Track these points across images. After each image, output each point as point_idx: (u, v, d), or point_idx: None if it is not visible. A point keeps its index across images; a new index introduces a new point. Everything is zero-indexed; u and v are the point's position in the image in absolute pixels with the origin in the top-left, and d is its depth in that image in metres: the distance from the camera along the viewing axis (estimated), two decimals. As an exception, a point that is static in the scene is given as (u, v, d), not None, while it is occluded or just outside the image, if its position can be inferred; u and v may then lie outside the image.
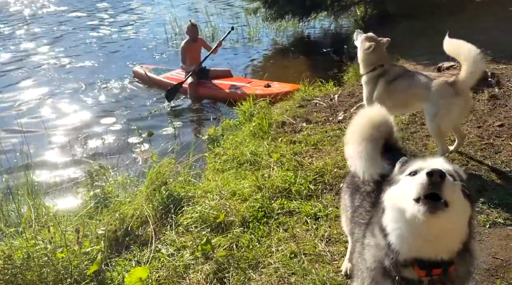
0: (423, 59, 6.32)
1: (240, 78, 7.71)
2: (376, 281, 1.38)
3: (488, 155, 3.21)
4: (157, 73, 7.84)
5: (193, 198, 3.15)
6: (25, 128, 5.97)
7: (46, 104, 7.21)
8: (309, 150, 3.86)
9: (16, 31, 12.43)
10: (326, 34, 11.92)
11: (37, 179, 4.65)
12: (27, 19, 13.98)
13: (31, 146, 5.49)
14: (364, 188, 1.75)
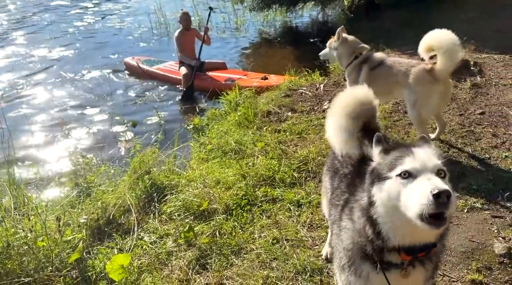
0: (408, 49, 6.34)
1: (235, 70, 7.53)
2: (353, 261, 1.40)
3: (469, 142, 3.26)
4: (150, 64, 7.66)
5: (176, 187, 3.14)
6: (7, 118, 5.86)
7: (29, 94, 7.07)
8: (293, 139, 3.87)
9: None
10: (313, 24, 11.90)
11: (19, 169, 4.58)
12: (8, 7, 13.64)
13: (14, 136, 5.39)
14: (342, 171, 1.77)
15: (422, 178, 1.16)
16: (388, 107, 4.08)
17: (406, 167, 1.19)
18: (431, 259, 1.36)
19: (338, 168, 1.80)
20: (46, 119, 6.07)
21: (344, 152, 1.68)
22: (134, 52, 9.05)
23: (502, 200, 2.54)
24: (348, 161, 1.78)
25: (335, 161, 1.86)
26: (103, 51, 9.11)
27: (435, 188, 1.09)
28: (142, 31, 10.64)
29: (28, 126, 5.72)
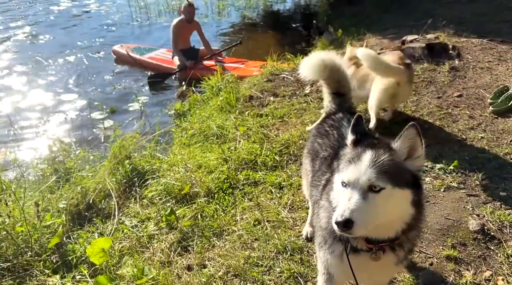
0: (389, 33, 6.40)
1: (232, 58, 7.17)
2: (326, 240, 1.43)
3: (446, 124, 3.32)
4: (140, 52, 7.31)
5: (158, 171, 3.12)
6: None
7: (4, 80, 6.87)
8: (275, 123, 3.87)
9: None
10: (296, 8, 11.84)
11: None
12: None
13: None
14: (322, 154, 1.79)
15: (346, 193, 1.26)
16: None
17: (345, 178, 1.28)
18: (402, 246, 1.40)
19: (318, 151, 1.82)
20: (24, 104, 5.91)
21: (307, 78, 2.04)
22: (113, 38, 8.85)
23: (477, 179, 2.61)
24: (327, 144, 1.80)
25: (315, 144, 1.88)
26: (81, 37, 8.88)
27: (339, 215, 1.21)
28: (121, 16, 10.41)
29: (5, 112, 5.58)
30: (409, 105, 3.71)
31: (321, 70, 1.98)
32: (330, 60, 1.99)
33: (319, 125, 1.99)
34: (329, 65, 1.98)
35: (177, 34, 6.76)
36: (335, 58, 2.01)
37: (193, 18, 6.94)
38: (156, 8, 10.84)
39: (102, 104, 5.71)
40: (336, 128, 1.85)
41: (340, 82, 2.05)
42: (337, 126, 1.86)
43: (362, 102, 3.78)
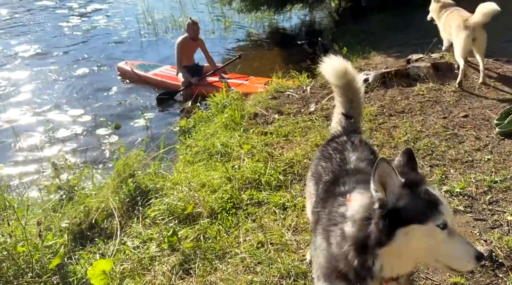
0: (394, 52, 6.43)
1: (235, 74, 7.18)
2: (328, 277, 1.40)
3: (452, 145, 3.30)
4: (144, 69, 7.36)
5: (161, 190, 3.11)
6: None
7: (12, 95, 6.95)
8: (280, 141, 3.86)
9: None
10: (301, 25, 11.96)
11: (1, 171, 4.50)
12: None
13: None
14: (325, 178, 1.77)
15: (456, 236, 1.25)
16: (374, 110, 4.10)
17: (445, 218, 1.22)
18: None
19: (321, 175, 1.81)
20: (30, 120, 5.96)
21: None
22: (121, 53, 8.96)
23: (484, 203, 2.57)
24: (330, 168, 1.78)
25: (319, 167, 1.86)
26: (89, 53, 8.99)
27: (478, 252, 1.24)
28: (129, 32, 10.53)
29: (10, 127, 5.61)
30: (414, 124, 3.69)
31: (340, 75, 1.99)
32: (352, 72, 2.01)
33: (323, 147, 1.98)
34: (349, 76, 2.00)
35: (182, 51, 6.82)
36: (356, 75, 2.06)
37: (197, 36, 7.01)
38: (164, 24, 10.98)
39: (107, 120, 5.75)
40: (339, 152, 1.84)
41: (353, 103, 2.05)
42: (341, 150, 1.85)
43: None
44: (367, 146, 1.88)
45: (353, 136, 1.92)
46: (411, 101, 4.17)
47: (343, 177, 1.59)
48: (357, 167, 1.71)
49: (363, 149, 1.82)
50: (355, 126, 2.04)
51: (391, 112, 4.04)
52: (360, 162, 1.74)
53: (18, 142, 5.15)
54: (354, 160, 1.75)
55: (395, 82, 4.60)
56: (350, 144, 1.85)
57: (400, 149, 3.32)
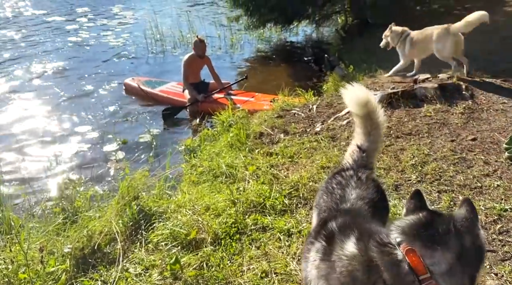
0: (401, 71, 6.41)
1: (241, 91, 7.20)
2: None
3: (461, 170, 3.24)
4: (151, 86, 7.42)
5: (165, 213, 3.08)
6: None
7: (18, 111, 7.01)
8: (285, 163, 3.83)
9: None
10: (307, 42, 12.02)
11: (7, 189, 4.51)
12: (1, 22, 13.64)
13: (1, 154, 5.33)
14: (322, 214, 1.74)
15: None
16: (380, 131, 4.06)
17: None
18: None
19: (321, 208, 1.77)
20: (36, 137, 5.98)
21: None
22: (129, 69, 9.06)
23: (494, 233, 2.51)
24: (328, 204, 1.74)
25: (321, 200, 1.83)
26: (97, 68, 9.09)
27: None
28: (137, 48, 10.66)
29: (17, 144, 5.65)
30: (422, 147, 3.65)
31: (362, 105, 1.97)
32: (373, 103, 1.98)
33: (329, 179, 1.94)
34: (370, 106, 1.97)
35: (188, 68, 6.88)
36: (378, 107, 2.02)
37: (204, 53, 7.07)
38: (172, 41, 11.10)
39: (115, 137, 5.76)
40: (341, 187, 1.78)
41: (371, 136, 2.01)
42: (344, 185, 1.79)
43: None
44: (373, 184, 1.81)
45: (361, 172, 1.86)
46: (418, 123, 4.13)
47: (332, 219, 1.50)
48: (352, 207, 1.65)
49: (367, 187, 1.76)
50: (367, 161, 1.98)
51: (398, 134, 4.00)
52: (358, 201, 1.67)
53: (24, 159, 5.17)
54: (353, 198, 1.69)
55: (402, 102, 4.57)
56: (355, 180, 1.80)
57: (407, 173, 3.28)
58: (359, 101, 1.96)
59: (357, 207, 1.64)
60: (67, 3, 16.99)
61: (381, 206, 1.76)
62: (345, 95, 2.05)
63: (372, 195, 1.72)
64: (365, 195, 1.71)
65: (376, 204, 1.70)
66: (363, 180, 1.80)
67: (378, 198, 1.73)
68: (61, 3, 16.86)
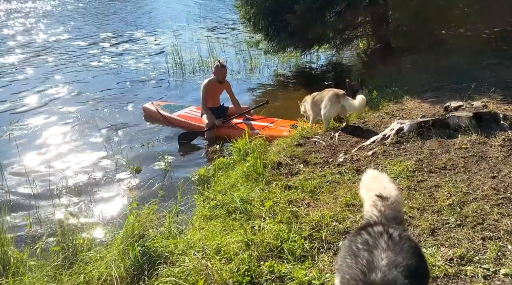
0: (428, 97, 6.06)
1: (261, 116, 6.96)
2: None
3: (507, 212, 2.85)
4: (170, 110, 7.31)
5: (172, 255, 2.79)
6: (4, 158, 5.71)
7: (34, 133, 6.94)
8: (305, 198, 3.51)
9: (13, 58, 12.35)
10: (328, 66, 11.81)
11: (13, 219, 4.33)
12: (27, 46, 13.98)
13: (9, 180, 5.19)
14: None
15: None
16: (411, 165, 3.71)
17: None
18: None
19: (345, 276, 1.44)
20: (48, 160, 5.82)
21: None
22: (148, 94, 8.99)
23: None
24: (353, 271, 1.41)
25: (344, 264, 1.49)
26: (116, 92, 9.06)
27: None
28: (157, 73, 10.65)
29: (26, 169, 5.50)
30: (459, 184, 3.27)
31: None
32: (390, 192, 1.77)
33: (353, 237, 1.59)
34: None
35: (207, 93, 6.74)
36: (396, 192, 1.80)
37: (224, 79, 6.93)
38: (191, 65, 11.08)
39: (129, 163, 5.57)
40: (368, 250, 1.45)
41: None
42: (371, 246, 1.46)
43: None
44: (409, 245, 1.48)
45: (393, 227, 1.53)
46: (453, 155, 3.76)
47: None
48: (384, 278, 1.32)
49: (401, 249, 1.43)
50: (396, 211, 1.66)
51: (431, 168, 3.63)
52: (391, 270, 1.34)
53: (35, 183, 5.00)
54: (384, 265, 1.36)
55: (434, 132, 4.22)
56: (385, 239, 1.46)
57: (444, 215, 2.91)
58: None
59: (390, 279, 1.30)
60: (93, 28, 17.42)
61: (420, 275, 1.42)
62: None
63: (408, 261, 1.39)
64: (399, 261, 1.37)
65: (415, 273, 1.36)
66: (395, 240, 1.47)
67: (416, 265, 1.39)
68: (87, 29, 17.29)
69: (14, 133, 6.80)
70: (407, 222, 2.94)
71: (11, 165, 5.62)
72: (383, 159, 4.02)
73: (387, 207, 1.65)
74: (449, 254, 2.52)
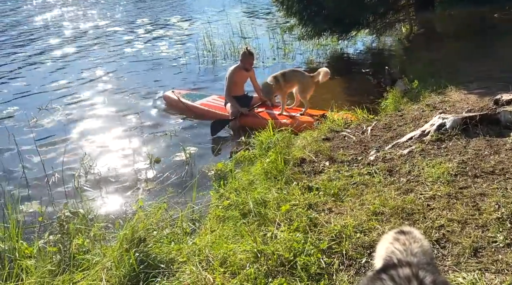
0: (475, 87, 5.45)
1: (286, 106, 6.56)
2: None
3: None
4: (192, 98, 7.08)
5: (173, 263, 2.52)
6: (24, 145, 5.70)
7: (60, 118, 6.91)
8: (327, 202, 3.13)
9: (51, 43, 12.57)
10: (367, 52, 11.16)
11: (28, 208, 4.25)
12: (64, 32, 14.21)
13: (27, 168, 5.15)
14: None
15: None
16: (452, 167, 3.22)
17: None
18: None
19: None
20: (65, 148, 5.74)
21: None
22: (177, 81, 8.83)
23: None
24: None
25: None
26: (145, 80, 8.91)
27: None
28: (188, 59, 10.45)
29: (46, 154, 5.44)
30: (510, 193, 2.77)
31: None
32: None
33: (372, 280, 1.22)
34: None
35: (232, 81, 6.47)
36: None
37: (251, 67, 6.64)
38: (223, 51, 10.79)
39: (149, 154, 5.40)
40: None
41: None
42: None
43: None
44: None
45: (423, 271, 1.15)
46: (503, 158, 3.24)
47: None
48: None
49: None
50: (423, 247, 1.27)
51: (476, 172, 3.14)
52: None
53: (53, 174, 4.92)
54: None
55: (481, 130, 3.68)
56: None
57: (491, 231, 2.45)
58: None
59: None
60: (130, 14, 17.54)
61: None
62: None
63: None
64: None
65: None
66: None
67: None
68: (125, 15, 17.43)
69: (40, 118, 6.83)
70: (444, 238, 2.51)
71: (29, 152, 5.57)
72: (420, 159, 3.55)
73: (413, 241, 1.27)
74: (496, 282, 2.09)
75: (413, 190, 3.07)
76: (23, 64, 10.38)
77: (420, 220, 2.70)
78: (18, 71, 9.78)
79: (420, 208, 2.82)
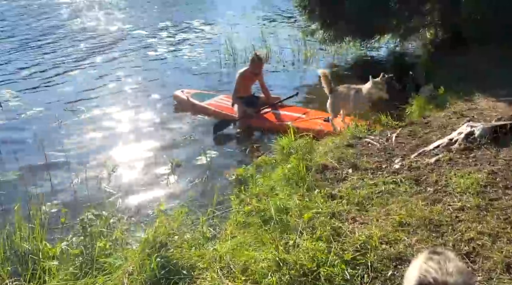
0: (505, 95, 5.26)
1: (293, 107, 6.86)
2: None
3: None
4: (200, 98, 7.21)
5: (194, 270, 2.51)
6: (49, 146, 5.80)
7: (79, 121, 7.02)
8: (351, 211, 3.06)
9: (75, 46, 12.79)
10: (390, 57, 10.97)
11: (50, 209, 4.32)
12: (89, 35, 14.46)
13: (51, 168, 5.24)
14: None
15: None
16: (482, 178, 3.11)
17: None
18: None
19: None
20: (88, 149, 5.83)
21: None
22: (198, 85, 8.88)
23: None
24: None
25: None
26: (167, 83, 8.98)
27: None
28: (210, 62, 10.51)
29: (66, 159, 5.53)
30: None
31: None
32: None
33: None
34: None
35: (241, 83, 6.63)
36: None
37: (260, 72, 6.76)
38: (244, 55, 10.80)
39: (169, 158, 5.43)
40: None
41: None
42: None
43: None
44: None
45: None
46: (536, 169, 3.10)
47: None
48: None
49: None
50: (458, 267, 1.20)
51: (508, 183, 3.01)
52: None
53: (75, 177, 5.00)
54: None
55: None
56: None
57: (525, 248, 2.34)
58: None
59: None
60: (153, 17, 17.76)
61: None
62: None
63: None
64: None
65: None
66: None
67: None
68: (147, 18, 17.67)
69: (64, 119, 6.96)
70: (474, 252, 2.42)
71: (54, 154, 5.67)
72: (448, 169, 3.44)
73: (448, 260, 1.20)
74: (531, 301, 1.99)
75: (441, 201, 2.97)
76: (48, 67, 10.57)
77: (449, 233, 2.60)
78: (44, 73, 10.02)
79: (448, 219, 2.72)
